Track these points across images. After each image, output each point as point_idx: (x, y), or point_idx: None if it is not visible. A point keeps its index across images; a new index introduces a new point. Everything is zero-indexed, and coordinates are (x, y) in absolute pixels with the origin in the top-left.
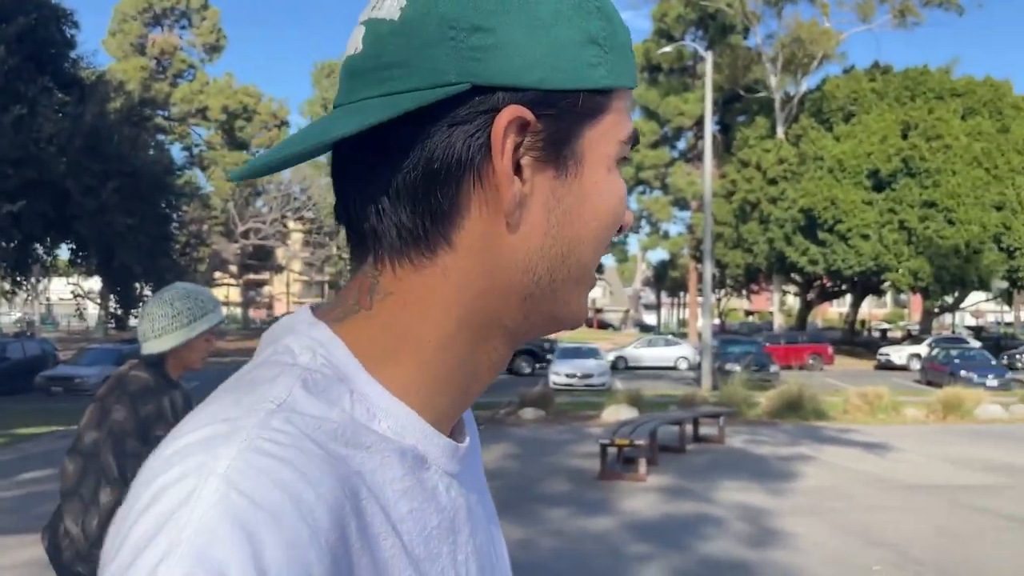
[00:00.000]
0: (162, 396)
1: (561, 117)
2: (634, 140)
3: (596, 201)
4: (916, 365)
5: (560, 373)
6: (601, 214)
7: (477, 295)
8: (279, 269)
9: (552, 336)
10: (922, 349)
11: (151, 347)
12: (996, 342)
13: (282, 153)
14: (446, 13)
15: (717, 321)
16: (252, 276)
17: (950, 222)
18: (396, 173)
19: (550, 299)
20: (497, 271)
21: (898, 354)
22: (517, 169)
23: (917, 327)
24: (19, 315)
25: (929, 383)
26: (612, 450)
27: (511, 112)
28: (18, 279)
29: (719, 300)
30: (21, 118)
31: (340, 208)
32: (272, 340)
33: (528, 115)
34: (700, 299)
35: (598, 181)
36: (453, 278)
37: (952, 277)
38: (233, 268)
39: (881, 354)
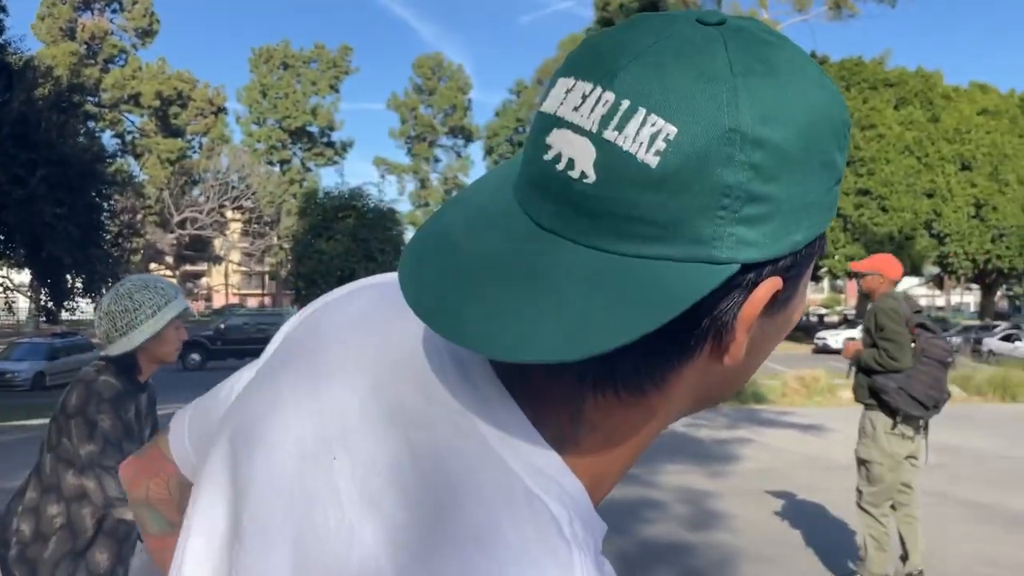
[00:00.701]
0: (131, 402)
1: (799, 274)
2: (822, 250)
3: (790, 320)
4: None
5: None
6: (784, 328)
7: (665, 423)
8: (217, 260)
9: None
10: (857, 333)
11: (120, 346)
12: None
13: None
14: (722, 179)
15: None
16: (189, 267)
17: (884, 209)
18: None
19: (718, 398)
20: (698, 395)
21: (834, 338)
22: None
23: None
24: None
25: None
26: None
27: (770, 286)
28: None
29: None
30: None
31: None
32: (530, 501)
33: (781, 284)
34: None
35: (799, 306)
36: (658, 418)
37: None
38: (169, 259)
39: (818, 338)
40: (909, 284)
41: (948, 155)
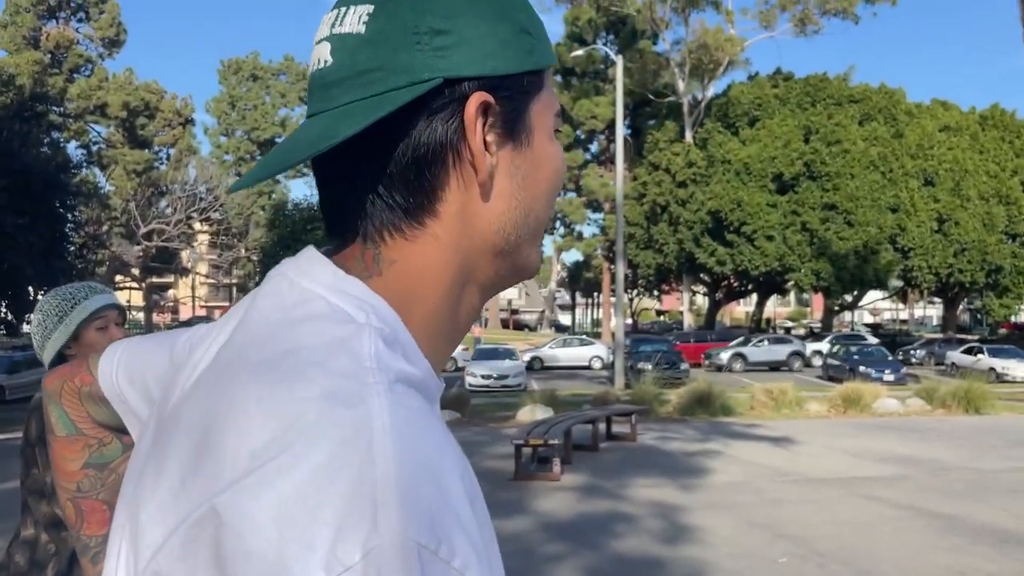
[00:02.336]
0: None
1: (513, 97)
2: (561, 112)
3: (546, 165)
4: (818, 362)
5: (476, 374)
6: (550, 175)
7: (463, 256)
8: (184, 272)
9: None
10: (823, 346)
11: (45, 360)
12: (892, 339)
13: (288, 159)
14: (408, 22)
15: (630, 321)
16: (156, 279)
17: (849, 224)
18: (387, 160)
19: (515, 253)
20: (475, 233)
21: (804, 349)
22: (486, 145)
23: (819, 325)
24: None
25: (830, 379)
26: (527, 450)
27: (478, 97)
28: None
29: (631, 300)
30: None
31: (328, 197)
32: (298, 292)
33: (490, 98)
34: (613, 299)
35: (546, 147)
36: (443, 243)
37: (851, 277)
38: (135, 271)
39: None
40: (874, 298)
41: (912, 170)
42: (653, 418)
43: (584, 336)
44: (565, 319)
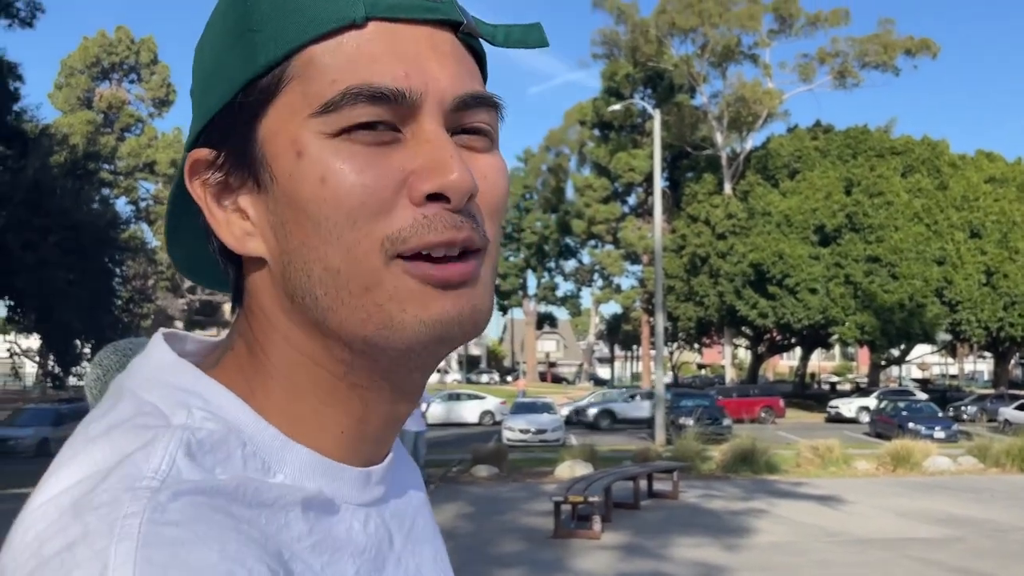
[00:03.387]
0: None
1: (225, 133)
2: (345, 98)
3: (298, 196)
4: (865, 418)
5: (514, 428)
6: (309, 206)
7: (292, 334)
8: (226, 324)
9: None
10: (870, 402)
11: None
12: (942, 394)
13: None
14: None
15: (670, 375)
16: (200, 332)
17: (894, 276)
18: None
19: (342, 320)
20: (280, 305)
21: (847, 407)
22: (230, 207)
23: (865, 380)
24: None
25: (878, 435)
26: (566, 507)
27: (189, 160)
28: None
29: (672, 353)
30: None
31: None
32: (122, 394)
33: (203, 153)
34: (653, 352)
35: (292, 173)
36: (263, 312)
37: (897, 330)
38: (179, 324)
39: (831, 407)
40: (922, 352)
41: (957, 222)
42: (695, 475)
43: (623, 390)
44: (604, 372)
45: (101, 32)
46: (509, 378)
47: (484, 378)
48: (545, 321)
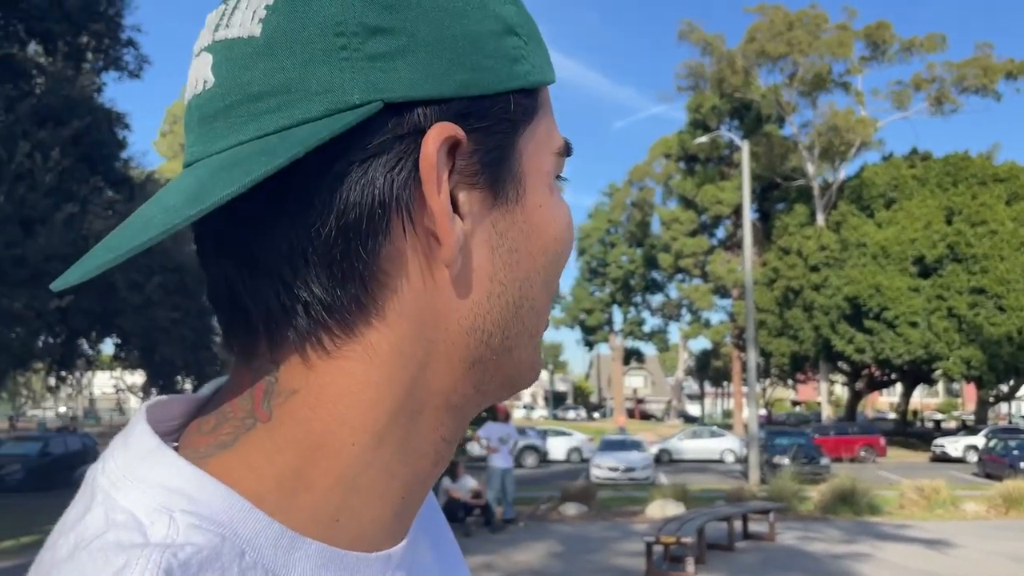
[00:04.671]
0: None
1: (493, 130)
2: (568, 151)
3: (544, 229)
4: (973, 457)
5: (602, 466)
6: (551, 245)
7: (414, 373)
8: None
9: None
10: (979, 440)
11: None
12: None
13: (130, 241)
14: (328, 17)
15: (763, 412)
16: None
17: (1001, 308)
18: (299, 232)
19: (504, 361)
20: (440, 337)
21: (953, 446)
22: (454, 205)
23: (972, 417)
24: (63, 409)
25: (988, 476)
26: (658, 548)
27: (440, 131)
28: (62, 374)
29: (764, 390)
30: (73, 216)
31: (216, 288)
32: (94, 494)
33: (459, 132)
34: (745, 389)
35: (543, 204)
36: (383, 357)
37: (1006, 365)
38: None
39: (936, 446)
40: None
41: None
42: (792, 516)
43: (715, 428)
44: (693, 409)
45: None
46: (596, 414)
47: (571, 414)
48: (632, 356)
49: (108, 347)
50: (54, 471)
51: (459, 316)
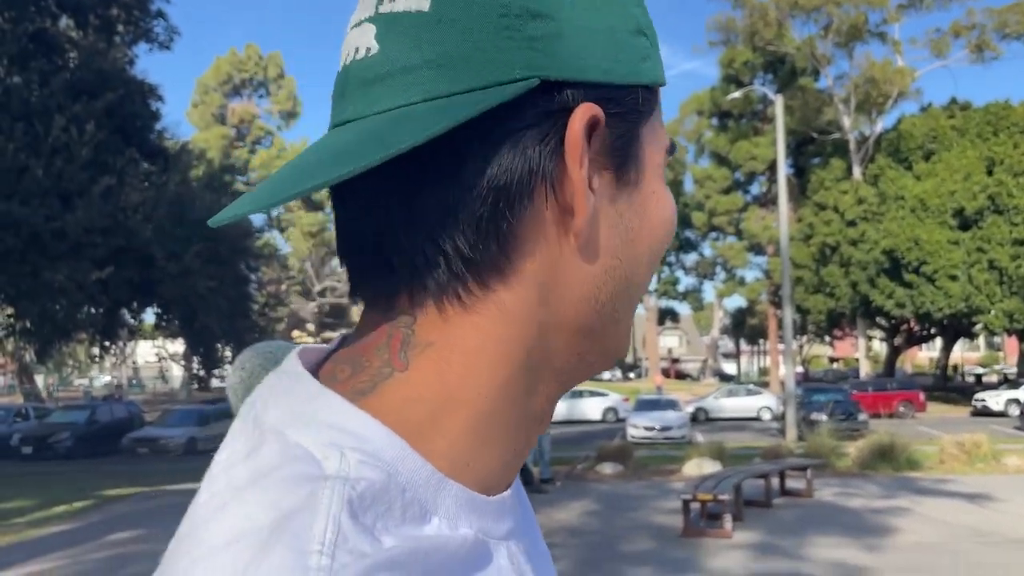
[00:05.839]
0: None
1: (625, 117)
2: (672, 150)
3: (654, 214)
4: (1015, 411)
5: (638, 426)
6: (658, 229)
7: (536, 335)
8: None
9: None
10: (1021, 394)
11: None
12: None
13: (305, 181)
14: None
15: (800, 369)
16: (329, 334)
17: None
18: (452, 191)
19: (610, 332)
20: (559, 302)
21: (995, 400)
22: (588, 180)
23: (1014, 370)
24: (108, 378)
25: None
26: (695, 505)
27: (586, 111)
28: (106, 344)
29: (801, 347)
30: (110, 188)
31: (354, 241)
32: (263, 433)
33: (600, 114)
34: (781, 346)
35: (656, 191)
36: (512, 315)
37: None
38: (310, 327)
39: (977, 400)
40: None
41: None
42: (830, 473)
43: (751, 385)
44: (729, 368)
45: (232, 50)
46: (631, 375)
47: (606, 375)
48: (666, 316)
49: (149, 317)
50: (101, 438)
51: (580, 285)
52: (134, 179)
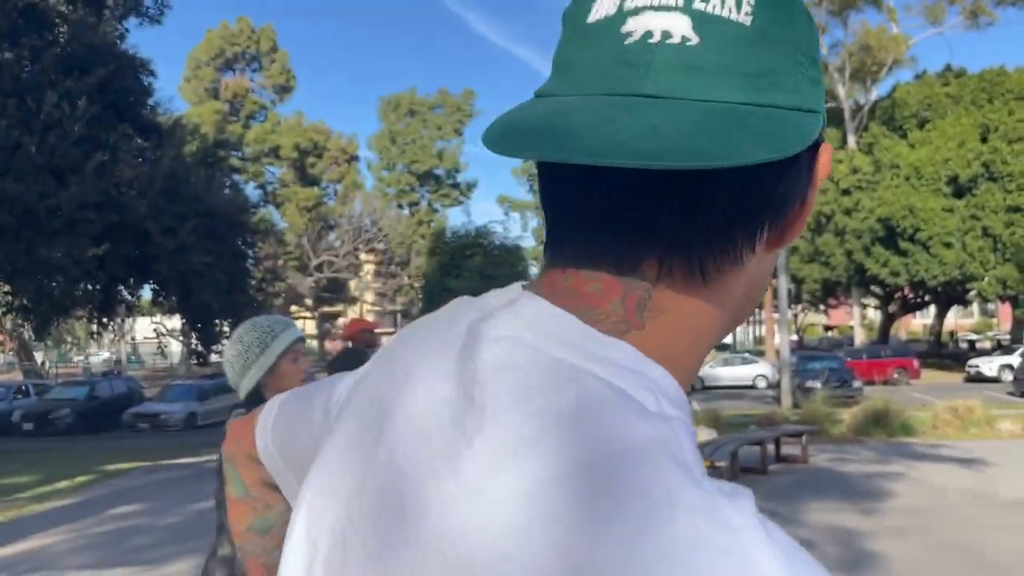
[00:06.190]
0: None
1: (815, 141)
2: None
3: (802, 218)
4: (1008, 376)
5: None
6: (798, 230)
7: (731, 317)
8: (352, 301)
9: None
10: (1014, 359)
11: (243, 389)
12: None
13: (665, 159)
14: (800, 39)
15: (795, 337)
16: (327, 308)
17: None
18: (746, 193)
19: (742, 317)
20: (750, 295)
21: (988, 365)
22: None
23: (1007, 337)
24: (107, 355)
25: (1023, 395)
26: None
27: (828, 150)
28: (104, 320)
29: (796, 316)
30: (103, 164)
31: (606, 205)
32: (576, 375)
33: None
34: (776, 315)
35: (809, 202)
36: (728, 303)
37: None
38: (308, 301)
39: (970, 366)
40: None
41: None
42: (825, 439)
43: (746, 354)
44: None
45: (223, 24)
46: None
47: None
48: None
49: (147, 293)
50: (101, 414)
51: (761, 282)
52: (127, 155)
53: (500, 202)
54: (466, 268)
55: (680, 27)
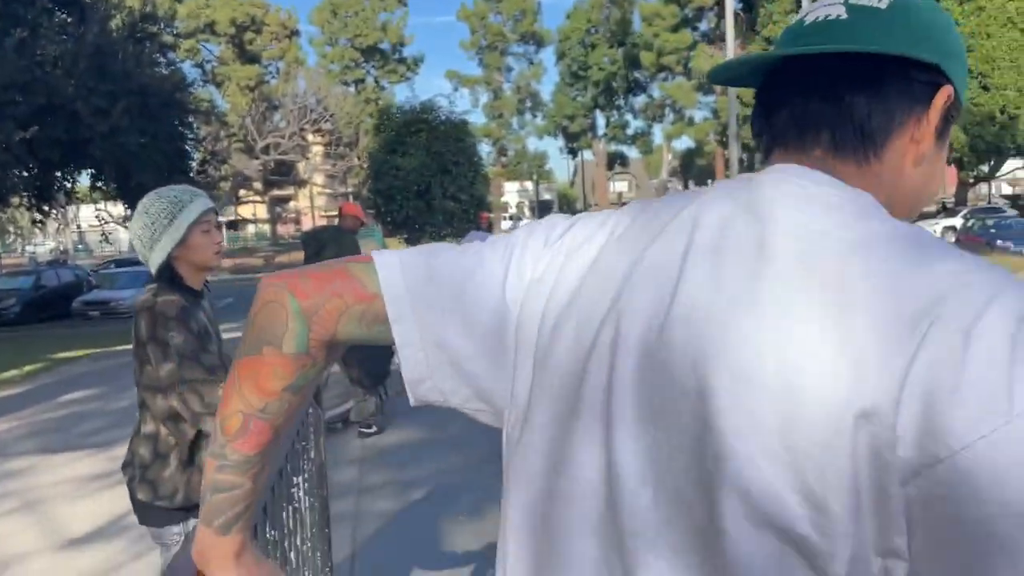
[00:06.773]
0: (196, 311)
1: (954, 113)
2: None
3: (938, 173)
4: (951, 237)
5: None
6: (934, 182)
7: (884, 198)
8: (302, 183)
9: None
10: (957, 221)
11: (153, 263)
12: None
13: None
14: (921, 21)
15: None
16: (277, 192)
17: (984, 88)
18: (897, 100)
19: (908, 204)
20: (895, 191)
21: (933, 227)
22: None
23: (952, 199)
24: (53, 244)
25: None
26: None
27: (946, 91)
28: (44, 208)
29: None
30: (23, 42)
31: (816, 115)
32: (836, 192)
33: (951, 96)
34: None
35: (943, 163)
36: (881, 183)
37: (987, 145)
38: (257, 185)
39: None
40: (1013, 167)
41: None
42: None
43: None
44: None
45: None
46: None
47: None
48: (616, 161)
49: (85, 180)
50: (49, 303)
51: (908, 186)
52: (49, 31)
53: (449, 77)
54: (412, 145)
55: (838, 10)
